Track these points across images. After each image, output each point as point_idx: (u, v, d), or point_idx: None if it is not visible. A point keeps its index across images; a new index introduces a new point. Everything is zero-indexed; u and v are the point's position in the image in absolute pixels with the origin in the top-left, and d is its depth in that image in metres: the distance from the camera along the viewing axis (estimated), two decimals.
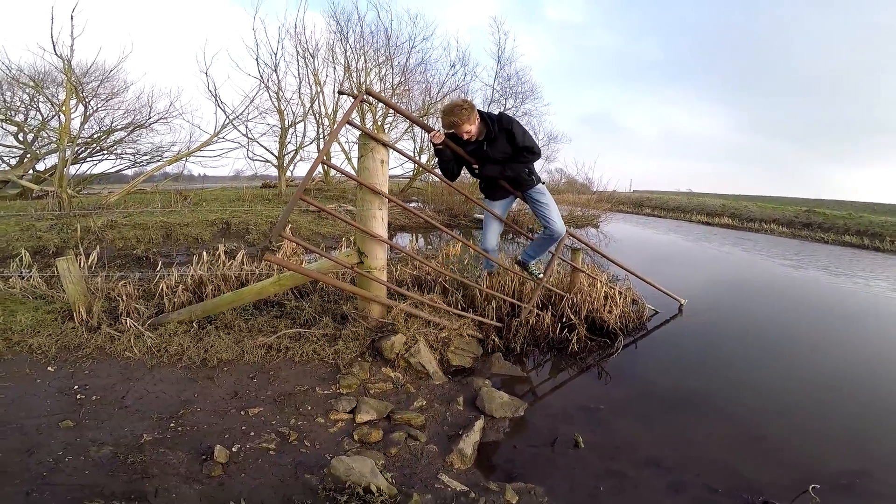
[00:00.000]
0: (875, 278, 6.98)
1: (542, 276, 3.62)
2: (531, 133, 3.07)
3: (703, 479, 2.06)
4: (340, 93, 3.02)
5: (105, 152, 11.70)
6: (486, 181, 3.30)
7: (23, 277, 3.98)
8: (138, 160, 12.30)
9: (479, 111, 2.92)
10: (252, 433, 2.03)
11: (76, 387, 2.37)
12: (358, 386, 2.58)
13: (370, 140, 2.89)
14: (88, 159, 11.43)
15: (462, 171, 3.31)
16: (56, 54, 9.53)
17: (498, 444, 2.30)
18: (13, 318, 3.06)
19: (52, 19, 9.16)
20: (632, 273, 4.55)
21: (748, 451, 2.32)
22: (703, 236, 12.33)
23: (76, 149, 10.58)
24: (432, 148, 3.06)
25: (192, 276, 3.81)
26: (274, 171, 15.18)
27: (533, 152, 3.01)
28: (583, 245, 4.39)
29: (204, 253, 4.14)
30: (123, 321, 3.04)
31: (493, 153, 2.99)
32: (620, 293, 4.14)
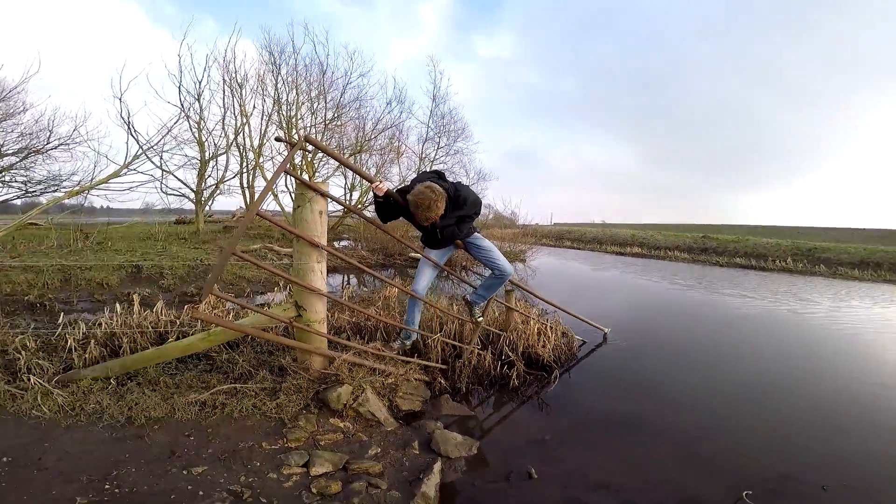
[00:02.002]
0: (763, 297, 8.09)
1: (481, 319, 3.77)
2: (471, 187, 3.25)
3: (650, 497, 2.25)
4: (278, 140, 2.95)
5: None
6: (429, 232, 3.31)
7: None
8: (30, 189, 10.65)
9: (443, 188, 2.93)
10: (201, 492, 1.87)
11: None
12: (307, 438, 2.49)
13: (308, 190, 2.78)
14: None
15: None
16: None
17: (458, 483, 2.35)
18: None
19: None
20: (560, 308, 4.91)
21: (685, 465, 2.57)
22: (616, 266, 13.51)
23: None
24: (370, 192, 3.12)
25: (104, 329, 3.47)
26: (189, 206, 13.99)
27: (478, 212, 3.23)
28: (515, 286, 4.68)
29: (118, 305, 3.80)
30: (25, 378, 2.71)
31: (445, 219, 3.06)
32: (551, 328, 4.45)
